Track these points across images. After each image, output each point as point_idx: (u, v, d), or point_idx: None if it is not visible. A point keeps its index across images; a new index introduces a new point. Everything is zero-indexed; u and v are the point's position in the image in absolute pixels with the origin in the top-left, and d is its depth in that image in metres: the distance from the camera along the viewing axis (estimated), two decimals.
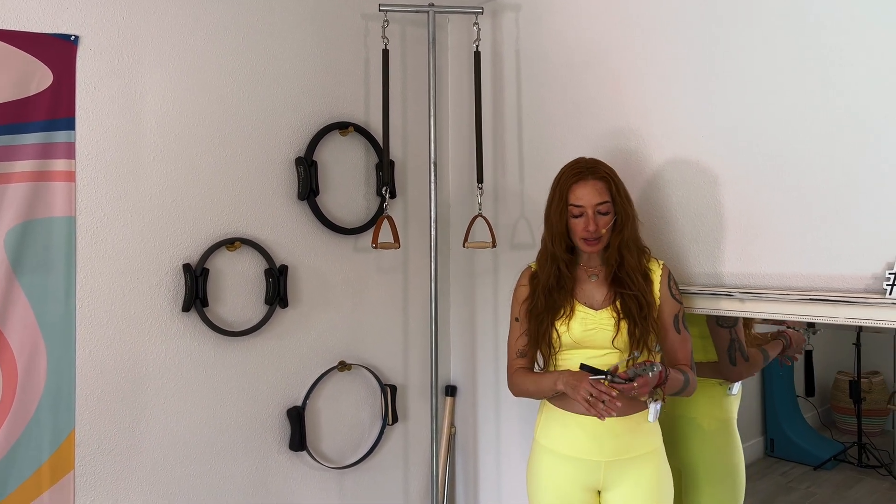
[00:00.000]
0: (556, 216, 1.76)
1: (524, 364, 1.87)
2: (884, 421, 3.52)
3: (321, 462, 2.23)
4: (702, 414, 2.05)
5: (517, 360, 1.87)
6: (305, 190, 2.16)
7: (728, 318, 1.96)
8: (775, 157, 1.77)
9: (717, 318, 1.98)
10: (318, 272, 2.24)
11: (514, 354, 1.88)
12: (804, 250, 1.74)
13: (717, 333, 1.99)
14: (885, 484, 3.36)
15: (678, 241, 1.96)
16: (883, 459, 3.36)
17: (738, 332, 1.97)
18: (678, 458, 2.09)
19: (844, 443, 3.40)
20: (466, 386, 2.59)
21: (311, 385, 2.21)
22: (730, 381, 2.02)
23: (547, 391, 1.77)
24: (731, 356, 1.98)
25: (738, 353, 1.97)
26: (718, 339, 1.99)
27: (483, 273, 2.52)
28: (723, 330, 1.97)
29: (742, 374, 2.02)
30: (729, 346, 1.97)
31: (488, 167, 2.45)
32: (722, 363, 2.00)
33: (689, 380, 1.76)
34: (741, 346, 1.98)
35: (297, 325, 2.19)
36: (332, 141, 2.26)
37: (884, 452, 3.38)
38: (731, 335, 1.97)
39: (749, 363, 2.00)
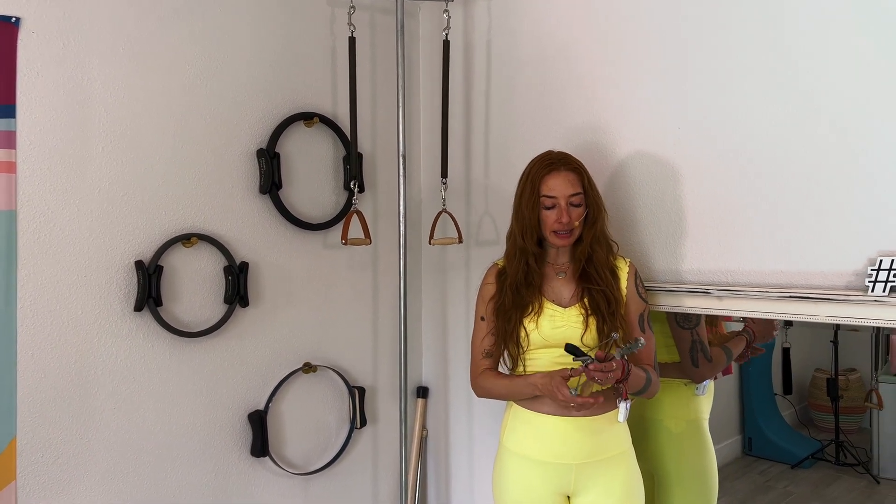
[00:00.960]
0: (527, 208, 1.70)
1: (490, 365, 1.79)
2: (861, 418, 3.51)
3: (284, 468, 2.14)
4: (668, 415, 2.00)
5: (483, 360, 1.79)
6: (267, 183, 2.06)
7: (689, 319, 1.91)
8: (750, 151, 1.72)
9: (678, 320, 1.93)
10: (282, 269, 2.14)
11: (479, 355, 1.80)
12: (783, 246, 1.68)
13: (678, 335, 1.95)
14: (863, 482, 3.35)
15: (647, 238, 1.90)
16: (860, 457, 3.34)
17: (699, 332, 1.92)
18: (647, 461, 2.03)
19: (822, 441, 3.39)
20: (438, 387, 2.51)
21: (274, 388, 2.12)
22: (694, 381, 1.97)
23: (524, 395, 1.70)
24: (693, 357, 1.93)
25: (701, 353, 1.92)
26: (680, 340, 1.94)
27: (454, 269, 2.44)
28: (684, 331, 1.93)
29: (705, 374, 1.97)
30: (691, 348, 1.92)
31: (458, 161, 2.37)
32: (685, 364, 1.95)
33: (650, 379, 1.70)
34: (703, 346, 1.93)
35: (259, 325, 2.09)
36: (297, 132, 2.17)
37: (861, 450, 3.37)
38: (692, 336, 1.92)
39: (712, 363, 1.95)
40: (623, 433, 1.73)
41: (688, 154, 1.81)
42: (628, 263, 1.77)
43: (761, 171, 1.70)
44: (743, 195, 1.73)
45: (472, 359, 1.83)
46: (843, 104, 1.58)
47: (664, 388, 1.95)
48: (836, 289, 1.59)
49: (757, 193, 1.70)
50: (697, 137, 1.80)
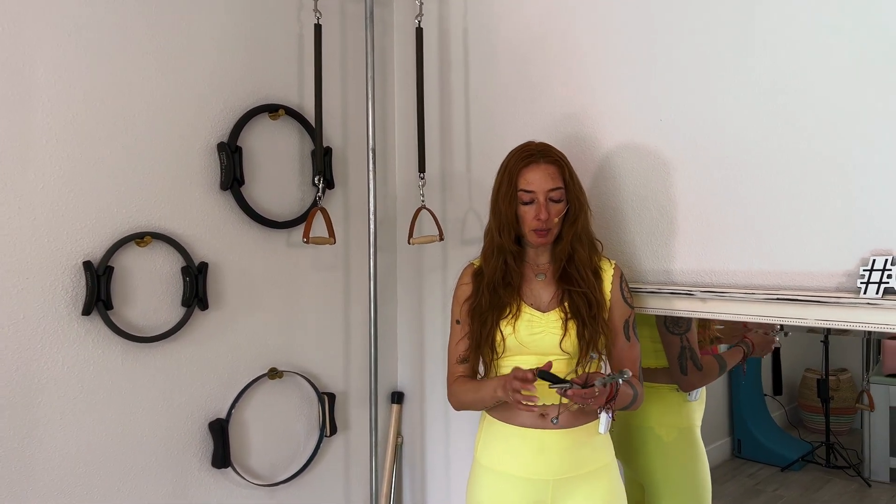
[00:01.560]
0: (504, 203, 1.58)
1: (465, 372, 1.68)
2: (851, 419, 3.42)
3: (248, 479, 2.03)
4: (658, 423, 1.89)
5: (457, 367, 1.68)
6: (228, 179, 1.95)
7: (679, 324, 1.80)
8: (739, 146, 1.61)
9: (667, 324, 1.82)
10: (245, 270, 2.03)
11: (454, 361, 1.69)
12: (771, 245, 1.58)
13: (667, 340, 1.83)
14: (854, 485, 3.26)
15: (632, 236, 1.80)
16: (851, 459, 3.25)
17: (689, 338, 1.81)
18: (637, 470, 1.93)
19: (812, 442, 3.30)
20: (414, 392, 2.41)
21: (237, 395, 2.01)
22: (682, 389, 1.86)
23: (488, 400, 1.59)
24: (681, 364, 1.82)
25: (690, 361, 1.81)
26: (669, 346, 1.83)
27: (431, 269, 2.33)
28: (673, 337, 1.81)
29: (694, 383, 1.86)
30: (680, 354, 1.81)
31: (434, 155, 2.26)
32: (673, 371, 1.83)
33: (637, 394, 1.60)
34: (693, 353, 1.82)
35: (220, 328, 1.98)
36: (261, 125, 2.05)
37: (852, 452, 3.27)
38: (681, 342, 1.81)
39: (702, 372, 1.84)
40: (604, 445, 1.63)
41: (671, 148, 1.72)
42: (613, 265, 1.66)
43: (748, 166, 1.60)
44: (728, 192, 1.63)
45: (447, 366, 1.72)
46: (834, 98, 1.48)
47: (654, 394, 1.85)
48: (827, 290, 1.49)
49: (743, 190, 1.60)
50: (682, 131, 1.69)
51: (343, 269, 2.26)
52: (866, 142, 1.44)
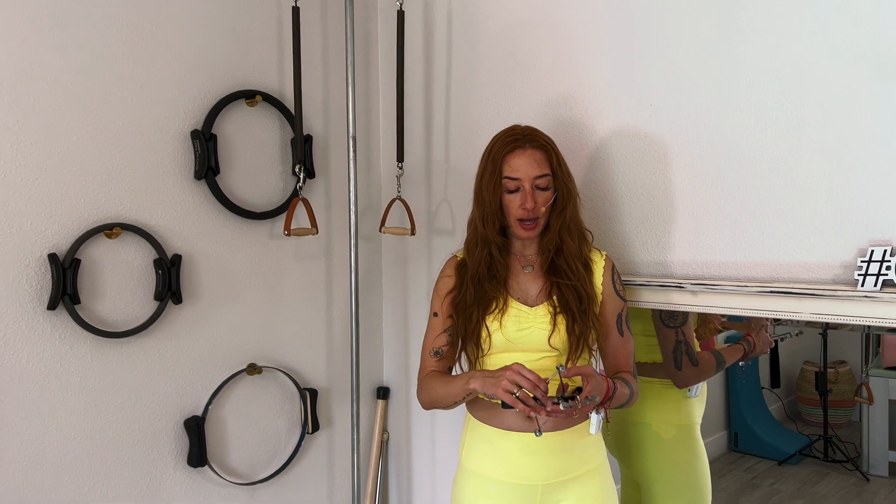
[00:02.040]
0: (488, 191, 1.49)
1: (438, 367, 1.59)
2: (850, 412, 3.35)
3: (226, 478, 1.96)
4: (657, 420, 1.81)
5: (430, 360, 1.59)
6: (203, 168, 1.88)
7: (674, 317, 1.73)
8: (733, 133, 1.54)
9: (663, 317, 1.74)
10: (222, 262, 1.96)
11: (427, 355, 1.60)
12: (765, 236, 1.51)
13: (662, 333, 1.76)
14: (852, 479, 3.19)
15: (623, 225, 1.72)
16: (849, 453, 3.19)
17: (685, 332, 1.74)
18: (633, 469, 1.86)
19: (810, 435, 3.23)
20: (400, 387, 2.34)
21: (214, 391, 1.94)
22: (676, 385, 1.79)
23: (457, 393, 1.47)
24: (676, 359, 1.74)
25: (685, 356, 1.74)
26: (663, 339, 1.76)
27: (415, 261, 2.26)
28: (668, 330, 1.74)
29: (689, 379, 1.79)
30: (674, 349, 1.74)
31: (417, 143, 2.19)
32: (667, 366, 1.76)
33: (632, 392, 1.51)
34: (689, 348, 1.74)
35: (196, 323, 1.91)
36: (238, 112, 1.98)
37: (850, 445, 3.21)
38: (677, 336, 1.73)
39: (698, 368, 1.77)
40: (596, 447, 1.55)
41: (662, 136, 1.64)
42: (604, 256, 1.58)
43: (742, 154, 1.53)
44: (721, 180, 1.56)
45: (420, 362, 1.63)
46: (831, 83, 1.41)
47: (653, 390, 1.78)
48: (822, 283, 1.43)
49: (736, 178, 1.53)
50: (673, 118, 1.62)
51: (325, 261, 2.19)
52: (864, 127, 1.37)
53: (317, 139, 2.13)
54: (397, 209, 2.10)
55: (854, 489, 3.08)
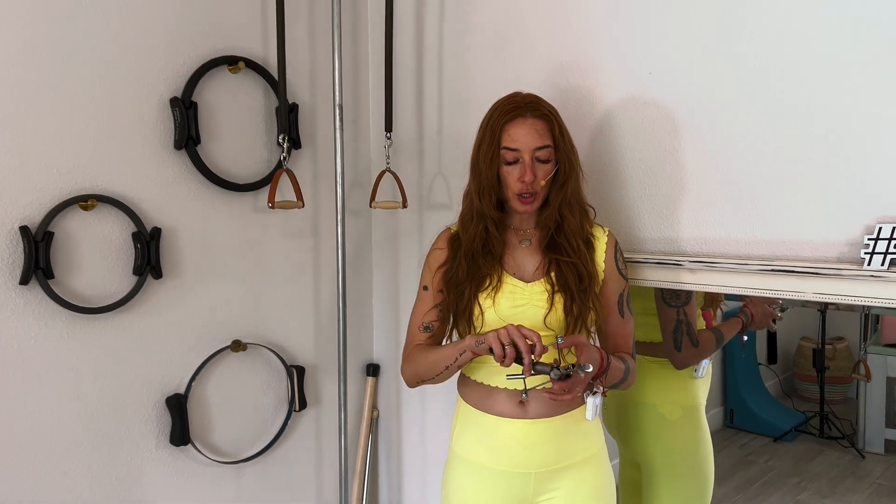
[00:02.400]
0: (485, 163, 1.42)
1: (426, 341, 1.52)
2: (846, 388, 3.32)
3: (210, 456, 1.92)
4: (662, 400, 1.75)
5: (419, 334, 1.52)
6: (182, 137, 1.80)
7: (677, 296, 1.66)
8: (741, 104, 1.46)
9: (665, 296, 1.68)
10: (204, 236, 1.89)
11: (415, 330, 1.53)
12: (767, 211, 1.44)
13: (663, 312, 1.69)
14: (847, 456, 3.17)
15: (623, 200, 1.65)
16: (845, 430, 3.16)
17: (688, 312, 1.67)
18: (635, 450, 1.80)
19: (806, 412, 3.21)
20: (390, 364, 2.29)
21: (197, 369, 1.89)
22: (674, 366, 1.73)
23: (449, 355, 1.38)
24: (676, 339, 1.68)
25: (686, 336, 1.68)
26: (664, 318, 1.69)
27: (406, 235, 2.19)
28: (669, 309, 1.68)
29: (688, 360, 1.73)
30: (675, 328, 1.68)
31: (408, 112, 2.10)
32: (666, 346, 1.70)
33: (629, 369, 1.46)
34: (690, 328, 1.68)
35: (178, 298, 1.85)
36: (220, 79, 1.89)
37: (846, 422, 3.18)
38: (678, 316, 1.67)
39: (698, 349, 1.71)
40: (593, 433, 1.49)
41: (667, 106, 1.55)
42: (607, 233, 1.51)
43: (745, 126, 1.45)
44: (721, 152, 1.48)
45: (406, 337, 1.57)
46: (840, 52, 1.33)
47: (658, 370, 1.72)
48: (827, 261, 1.36)
49: (737, 150, 1.46)
50: (680, 88, 1.53)
51: (312, 236, 2.12)
52: (874, 101, 1.30)
53: (303, 108, 2.05)
54: (388, 183, 2.03)
55: (850, 466, 3.06)
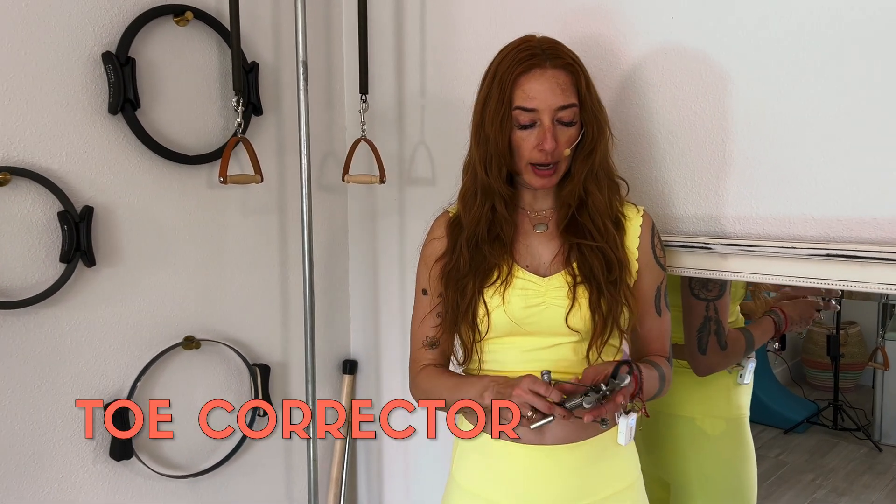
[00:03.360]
0: (492, 126, 1.12)
1: (435, 359, 1.26)
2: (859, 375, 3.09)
3: (159, 470, 1.67)
4: (702, 413, 1.48)
5: (424, 352, 1.26)
6: (118, 100, 1.52)
7: (708, 287, 1.40)
8: (800, 54, 1.19)
9: (692, 286, 1.41)
10: (148, 216, 1.62)
11: (419, 344, 1.26)
12: (818, 183, 1.18)
13: (688, 305, 1.41)
14: (863, 449, 2.94)
15: (658, 170, 1.37)
16: (859, 421, 2.95)
17: (719, 308, 1.40)
18: (666, 468, 1.50)
19: (816, 401, 2.99)
20: (369, 360, 2.04)
21: (141, 370, 1.62)
22: (695, 372, 1.46)
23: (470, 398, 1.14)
24: (701, 340, 1.41)
25: (714, 336, 1.40)
26: (689, 313, 1.41)
27: (386, 215, 1.93)
28: (697, 303, 1.40)
29: (713, 366, 1.44)
30: (701, 326, 1.40)
31: (386, 72, 1.83)
32: (688, 348, 1.41)
33: (664, 376, 1.19)
34: (719, 328, 1.39)
35: (116, 289, 1.58)
36: (164, 32, 1.61)
37: (860, 412, 2.97)
38: (707, 311, 1.40)
39: (726, 352, 1.44)
40: (627, 460, 1.22)
41: (723, 50, 1.27)
42: (641, 213, 1.23)
43: (817, 79, 1.18)
44: (784, 111, 1.21)
45: (410, 351, 1.30)
46: None
47: (699, 381, 1.44)
48: (894, 244, 1.11)
49: (804, 108, 1.18)
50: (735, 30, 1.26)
51: (278, 215, 1.85)
52: None
53: (265, 68, 1.77)
54: (364, 154, 1.76)
55: (866, 460, 2.85)
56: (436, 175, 1.78)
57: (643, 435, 1.54)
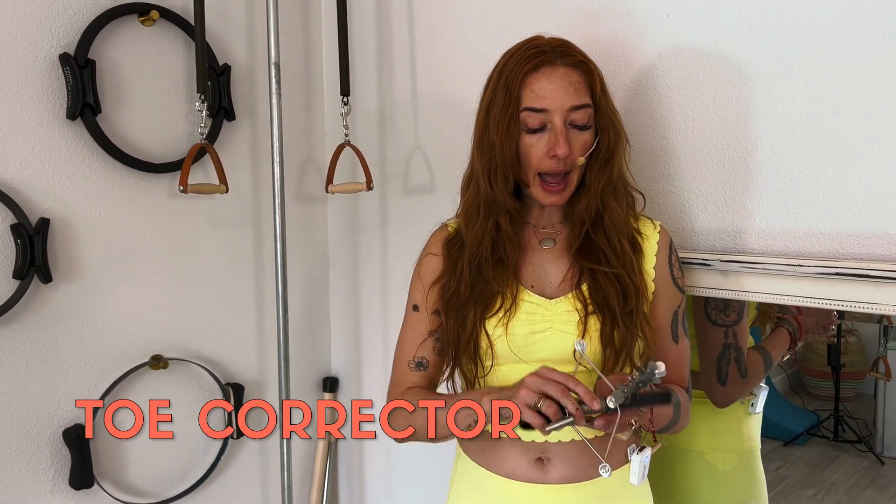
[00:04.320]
0: (498, 131, 1.01)
1: (420, 383, 1.13)
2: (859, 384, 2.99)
3: (123, 499, 1.56)
4: (712, 446, 1.36)
5: (409, 373, 1.14)
6: (76, 104, 1.42)
7: (726, 311, 1.27)
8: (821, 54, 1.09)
9: (708, 311, 1.27)
10: (111, 228, 1.52)
11: (404, 365, 1.14)
12: (828, 196, 1.09)
13: (705, 333, 1.28)
14: (865, 462, 2.84)
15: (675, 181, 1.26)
16: (861, 432, 2.86)
17: (738, 333, 1.27)
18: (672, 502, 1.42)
19: (817, 411, 2.90)
20: (351, 378, 1.94)
21: (104, 392, 1.53)
22: (714, 404, 1.34)
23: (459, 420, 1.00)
24: (720, 370, 1.29)
25: (734, 364, 1.29)
26: (707, 341, 1.29)
27: (367, 228, 1.83)
28: (715, 329, 1.27)
29: (733, 396, 1.32)
30: (721, 355, 1.28)
31: (370, 74, 1.74)
32: (706, 377, 1.29)
33: (681, 406, 1.07)
34: (739, 355, 1.27)
35: (76, 306, 1.48)
36: (128, 32, 1.52)
37: (861, 422, 2.88)
38: (726, 338, 1.27)
39: (747, 380, 1.33)
40: (641, 498, 1.11)
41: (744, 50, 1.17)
42: (658, 229, 1.11)
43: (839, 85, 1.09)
44: (768, 118, 1.13)
45: (392, 374, 1.17)
46: None
47: (706, 408, 1.32)
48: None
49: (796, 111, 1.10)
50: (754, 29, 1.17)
51: (252, 227, 1.75)
52: None
53: (239, 71, 1.68)
54: (345, 161, 1.67)
55: (868, 474, 2.75)
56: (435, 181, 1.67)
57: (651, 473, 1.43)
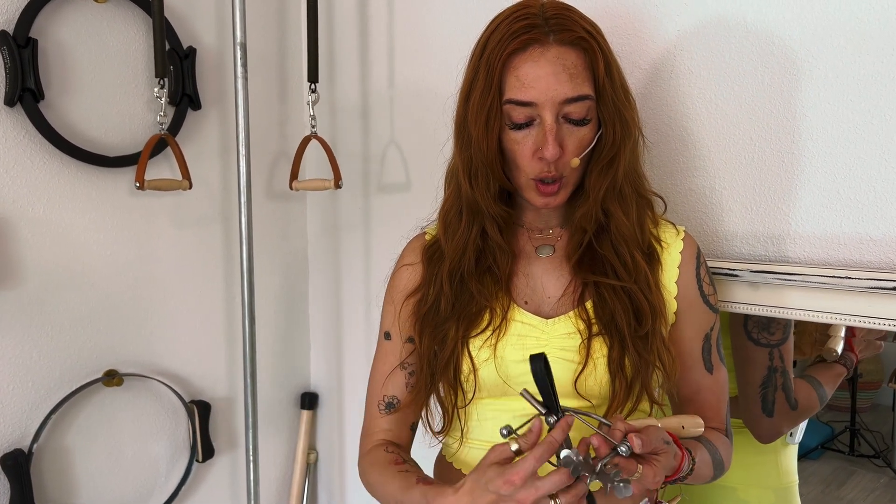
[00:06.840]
0: (477, 125, 0.84)
1: (391, 431, 0.97)
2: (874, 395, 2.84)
3: None
4: (746, 482, 1.19)
5: (379, 418, 0.98)
6: (14, 89, 1.26)
7: (769, 330, 1.08)
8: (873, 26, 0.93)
9: (749, 329, 1.08)
10: (58, 228, 1.36)
11: (373, 410, 0.98)
12: (887, 195, 0.92)
13: (746, 354, 1.10)
14: (883, 478, 2.68)
15: (695, 177, 1.10)
16: (877, 445, 2.70)
17: (784, 355, 1.08)
18: None
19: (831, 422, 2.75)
20: (331, 393, 1.77)
21: (48, 414, 1.36)
22: (758, 438, 1.14)
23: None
24: (766, 399, 1.09)
25: (782, 392, 1.09)
26: (748, 364, 1.10)
27: (349, 229, 1.67)
28: (758, 350, 1.08)
29: (780, 429, 1.14)
30: (765, 381, 1.09)
31: (347, 58, 1.57)
32: (748, 409, 1.11)
33: (721, 462, 0.90)
34: (787, 380, 1.08)
35: (16, 316, 1.31)
36: (78, 9, 1.35)
37: (877, 434, 2.73)
38: (770, 361, 1.08)
39: (797, 412, 1.12)
40: None
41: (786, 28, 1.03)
42: (682, 235, 0.94)
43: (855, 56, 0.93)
44: (809, 104, 0.96)
45: (365, 414, 1.01)
46: None
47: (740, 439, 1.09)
48: None
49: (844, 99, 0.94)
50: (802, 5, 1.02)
51: (221, 227, 1.59)
52: None
53: (206, 55, 1.51)
54: (317, 155, 1.51)
55: (887, 490, 2.60)
56: (409, 179, 1.52)
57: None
